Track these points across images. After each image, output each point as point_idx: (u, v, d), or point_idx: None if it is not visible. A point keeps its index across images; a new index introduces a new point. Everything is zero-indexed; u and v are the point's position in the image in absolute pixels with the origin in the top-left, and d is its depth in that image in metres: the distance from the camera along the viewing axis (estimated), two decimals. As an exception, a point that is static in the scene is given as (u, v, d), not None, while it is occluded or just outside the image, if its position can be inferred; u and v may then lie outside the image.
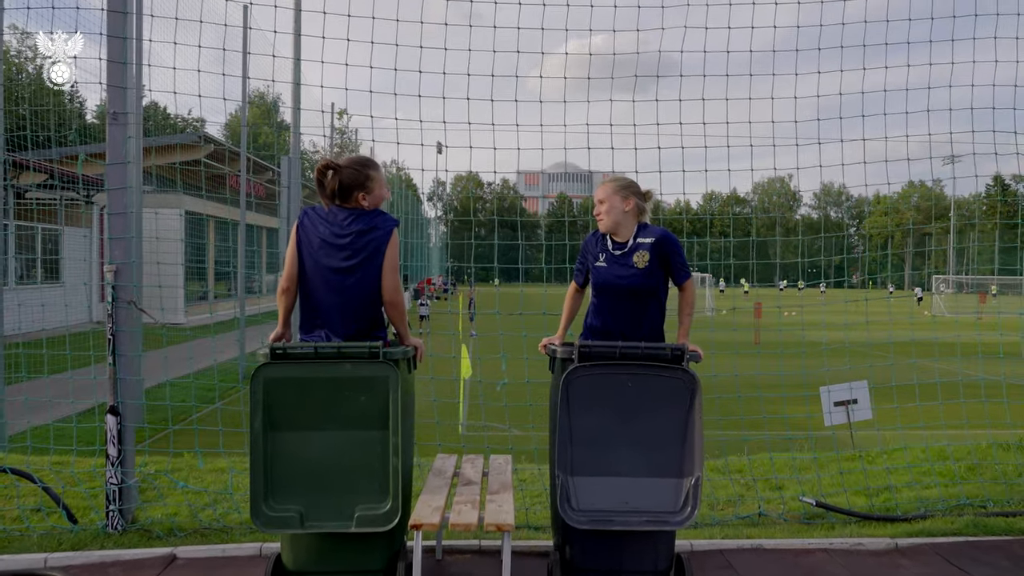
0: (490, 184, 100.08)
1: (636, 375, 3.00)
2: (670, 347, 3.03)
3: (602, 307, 3.37)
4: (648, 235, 3.35)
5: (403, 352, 3.07)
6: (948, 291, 49.10)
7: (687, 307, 3.40)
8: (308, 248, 3.09)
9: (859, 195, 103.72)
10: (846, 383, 6.24)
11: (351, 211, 3.13)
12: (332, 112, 26.39)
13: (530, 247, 67.74)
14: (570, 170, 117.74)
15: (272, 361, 2.93)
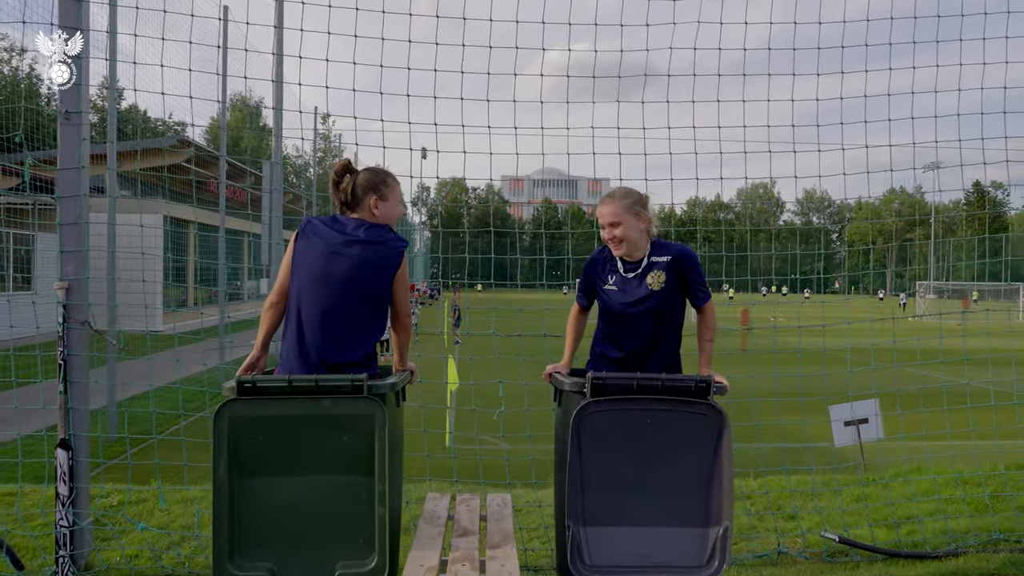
0: (475, 190, 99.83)
1: (656, 411, 2.65)
2: (694, 379, 2.67)
3: (613, 334, 3.03)
4: (664, 252, 3.00)
5: (391, 385, 2.69)
6: (930, 296, 49.40)
7: (708, 331, 3.06)
8: (307, 257, 2.75)
9: (841, 201, 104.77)
10: (855, 402, 5.93)
11: (361, 221, 2.83)
12: (316, 115, 25.99)
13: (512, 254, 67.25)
14: (554, 176, 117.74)
15: (239, 397, 2.54)
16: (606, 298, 3.03)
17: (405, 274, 2.83)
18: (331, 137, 50.61)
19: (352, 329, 2.72)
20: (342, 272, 2.70)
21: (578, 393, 2.73)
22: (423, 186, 64.36)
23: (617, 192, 3.07)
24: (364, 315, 2.73)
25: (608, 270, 3.06)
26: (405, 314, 2.90)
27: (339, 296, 2.69)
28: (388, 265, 2.77)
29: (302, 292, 2.71)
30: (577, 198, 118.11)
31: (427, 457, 4.66)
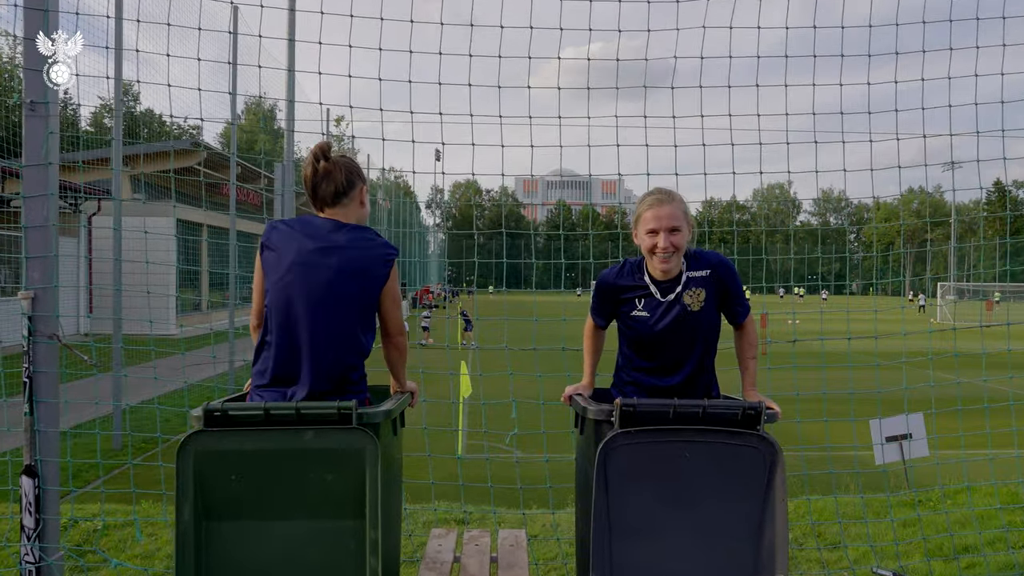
0: (488, 191, 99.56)
1: (696, 443, 2.25)
2: (741, 405, 2.27)
3: (643, 361, 2.63)
4: (701, 265, 2.59)
5: (386, 413, 2.31)
6: (950, 298, 48.45)
7: (750, 348, 2.65)
8: (276, 270, 2.35)
9: (859, 201, 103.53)
10: (898, 416, 5.47)
11: (337, 222, 2.42)
12: (327, 119, 25.73)
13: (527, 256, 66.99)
14: (568, 177, 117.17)
15: (206, 429, 2.17)
16: (635, 326, 2.60)
17: (396, 285, 2.45)
18: (344, 139, 50.56)
19: (336, 349, 2.33)
20: (320, 285, 2.31)
21: (605, 422, 2.33)
22: (437, 188, 63.94)
23: (667, 191, 2.62)
24: (349, 333, 2.35)
25: (635, 292, 2.60)
26: (397, 331, 2.52)
27: (319, 313, 2.31)
28: (375, 276, 2.38)
29: (275, 310, 2.34)
30: (591, 200, 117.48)
31: (432, 484, 4.27)
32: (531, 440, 8.77)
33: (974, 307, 43.69)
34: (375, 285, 2.37)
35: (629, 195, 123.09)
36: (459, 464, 7.30)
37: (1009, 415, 4.52)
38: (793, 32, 4.22)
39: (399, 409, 2.51)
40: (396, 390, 2.71)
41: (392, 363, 2.61)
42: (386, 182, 40.30)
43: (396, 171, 44.63)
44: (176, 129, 46.83)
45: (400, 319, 2.50)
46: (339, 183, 2.40)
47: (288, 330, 2.30)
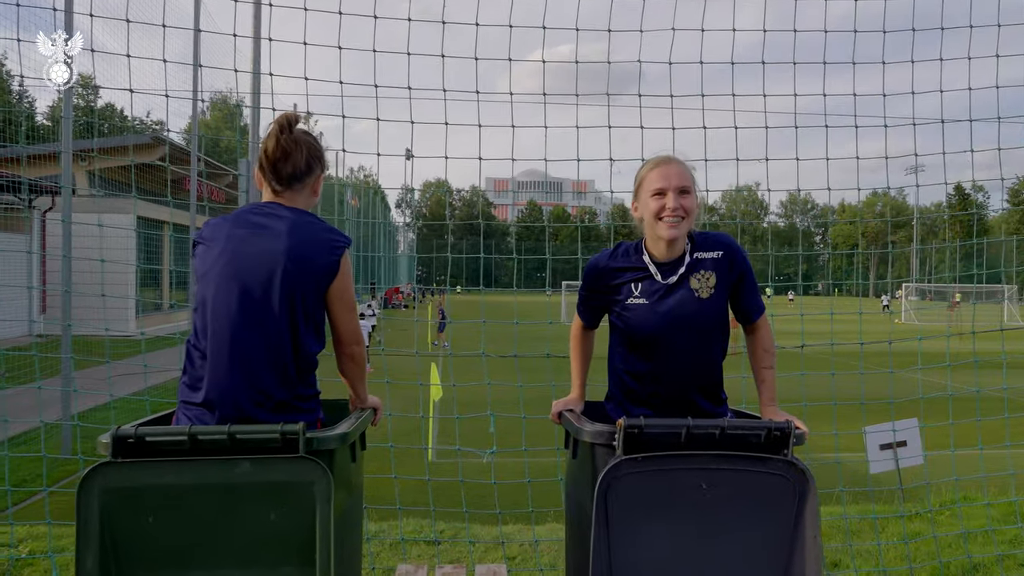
0: (459, 191, 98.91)
1: (714, 471, 1.89)
2: (766, 425, 1.92)
3: (643, 364, 2.22)
4: (710, 245, 2.23)
5: (341, 437, 1.91)
6: (913, 298, 49.28)
7: (768, 355, 2.29)
8: (206, 261, 1.95)
9: (824, 204, 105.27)
10: (893, 422, 5.20)
11: (278, 206, 2.02)
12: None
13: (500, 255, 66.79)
14: (537, 178, 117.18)
15: (115, 459, 1.75)
16: (631, 317, 2.20)
17: (348, 283, 2.05)
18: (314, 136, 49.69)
19: (277, 357, 1.93)
20: (253, 278, 1.91)
21: (604, 446, 1.96)
22: (408, 187, 63.25)
23: (672, 155, 2.25)
24: (291, 336, 1.94)
25: (631, 275, 2.23)
26: (352, 339, 2.12)
27: (253, 312, 1.90)
28: (319, 267, 1.97)
29: (202, 310, 1.93)
30: (561, 200, 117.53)
31: (399, 509, 3.86)
32: (507, 442, 8.41)
33: (938, 308, 44.42)
34: (321, 279, 1.97)
35: (598, 196, 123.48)
36: (428, 470, 6.89)
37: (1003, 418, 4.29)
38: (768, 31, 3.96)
39: (359, 430, 2.12)
40: (356, 406, 2.31)
41: (348, 376, 2.21)
42: (355, 180, 39.66)
43: (365, 170, 43.95)
44: (138, 124, 45.57)
45: (354, 325, 2.10)
46: (298, 165, 2.03)
47: (217, 334, 1.90)
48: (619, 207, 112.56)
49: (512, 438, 8.24)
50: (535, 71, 3.91)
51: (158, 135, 25.40)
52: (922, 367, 4.14)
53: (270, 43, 3.63)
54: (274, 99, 11.48)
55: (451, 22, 3.65)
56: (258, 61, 5.63)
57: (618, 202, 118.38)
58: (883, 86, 3.92)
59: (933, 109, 4.14)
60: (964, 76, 3.95)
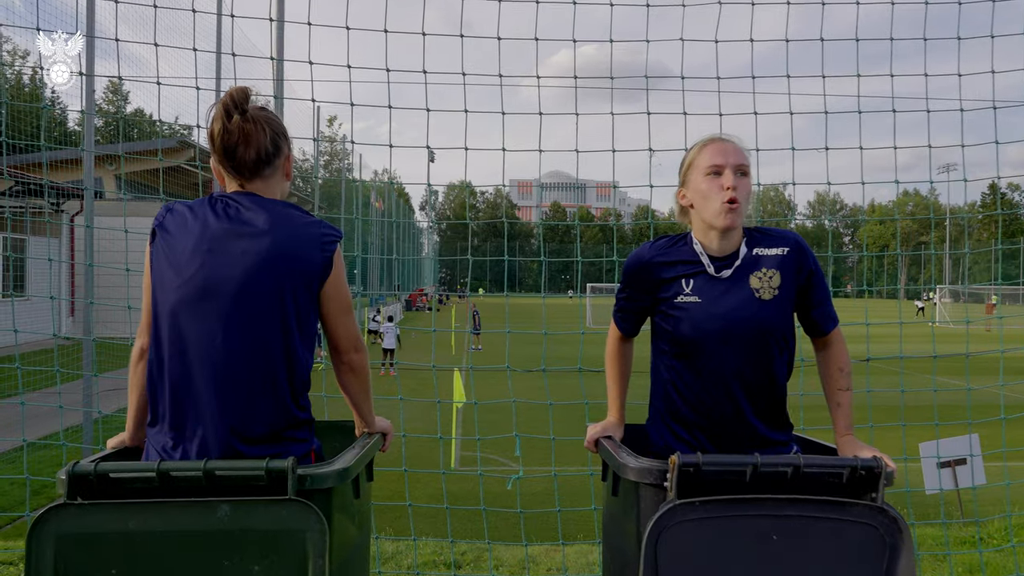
0: (483, 193, 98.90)
1: (788, 519, 1.57)
2: (849, 463, 1.59)
3: (693, 377, 1.90)
4: (774, 241, 1.90)
5: (339, 474, 1.61)
6: (946, 300, 48.07)
7: (843, 376, 1.94)
8: (169, 266, 1.65)
9: (854, 204, 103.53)
10: (953, 439, 4.81)
11: (254, 197, 1.72)
12: (316, 116, 25.03)
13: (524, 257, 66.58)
14: (562, 179, 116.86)
15: (71, 501, 1.48)
16: (682, 317, 1.89)
17: (343, 281, 1.77)
18: (336, 139, 49.93)
19: (263, 375, 1.64)
20: (232, 283, 1.62)
21: (654, 487, 1.64)
22: (432, 190, 63.26)
23: (726, 135, 1.94)
24: (280, 349, 1.66)
25: (681, 271, 1.91)
26: (352, 346, 1.81)
27: (235, 321, 1.62)
28: (310, 265, 1.68)
29: (169, 322, 1.64)
30: (586, 202, 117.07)
31: (415, 541, 3.57)
32: (533, 451, 8.10)
33: (973, 310, 43.22)
34: (312, 279, 1.68)
35: (623, 197, 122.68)
36: (446, 494, 6.59)
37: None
38: (793, 30, 3.66)
39: (363, 461, 1.82)
40: (362, 430, 2.02)
41: (350, 392, 1.90)
42: (379, 183, 39.67)
43: (389, 172, 43.99)
44: (167, 129, 46.14)
45: (353, 328, 1.80)
46: (262, 147, 1.71)
47: (190, 350, 1.61)
48: (643, 208, 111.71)
49: (538, 452, 7.95)
50: (559, 72, 3.66)
51: (185, 139, 25.54)
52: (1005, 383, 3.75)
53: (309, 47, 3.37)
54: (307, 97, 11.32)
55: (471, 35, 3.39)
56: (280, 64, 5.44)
57: (643, 203, 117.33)
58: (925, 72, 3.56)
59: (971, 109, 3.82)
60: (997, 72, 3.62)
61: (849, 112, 3.52)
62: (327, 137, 49.30)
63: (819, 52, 3.52)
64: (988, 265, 61.76)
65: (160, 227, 1.67)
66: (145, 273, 1.68)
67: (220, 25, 12.95)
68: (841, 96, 3.97)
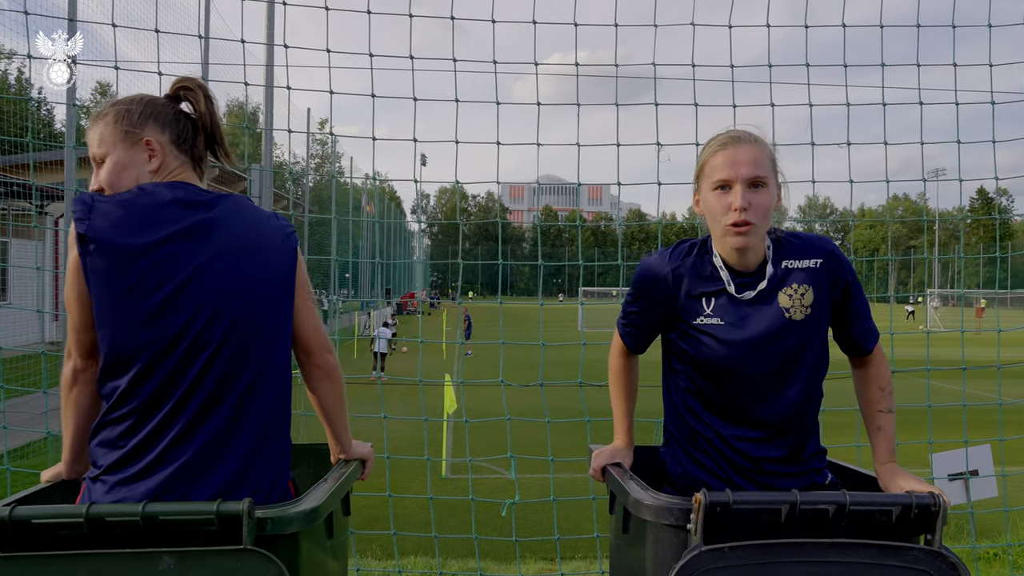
0: (475, 196, 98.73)
1: (829, 566, 1.34)
2: (904, 501, 1.37)
3: (715, 404, 1.68)
4: (806, 252, 1.67)
5: (306, 516, 1.38)
6: (935, 304, 48.25)
7: (887, 398, 1.72)
8: (121, 272, 1.39)
9: (844, 208, 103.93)
10: (963, 449, 4.60)
11: (193, 188, 1.48)
12: (308, 118, 24.78)
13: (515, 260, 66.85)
14: (554, 182, 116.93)
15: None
16: (707, 341, 1.66)
17: (305, 273, 1.56)
18: (327, 142, 49.63)
19: (241, 395, 1.41)
20: (201, 290, 1.39)
21: (674, 528, 1.42)
22: (423, 193, 63.00)
23: (746, 131, 1.70)
24: (241, 368, 1.43)
25: (700, 290, 1.68)
26: (322, 346, 1.60)
27: (209, 333, 1.38)
28: (278, 255, 1.48)
29: (110, 344, 1.39)
30: (578, 205, 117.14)
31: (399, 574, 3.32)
32: (527, 461, 7.87)
33: (960, 314, 43.30)
34: (283, 272, 1.47)
35: (614, 201, 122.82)
36: (437, 492, 6.35)
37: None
38: (785, 35, 3.47)
39: (337, 497, 1.58)
40: (339, 457, 1.78)
41: (325, 404, 1.65)
42: (371, 186, 39.38)
43: (381, 176, 43.73)
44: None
45: (321, 327, 1.58)
46: (211, 131, 1.55)
47: (154, 373, 1.38)
48: (635, 212, 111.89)
49: (533, 462, 7.73)
50: (549, 79, 3.52)
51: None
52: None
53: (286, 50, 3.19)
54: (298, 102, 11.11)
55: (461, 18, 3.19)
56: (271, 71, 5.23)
57: (635, 207, 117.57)
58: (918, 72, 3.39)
59: (949, 113, 3.67)
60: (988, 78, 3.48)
61: (839, 104, 3.34)
62: (319, 140, 48.98)
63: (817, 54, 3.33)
64: (976, 269, 62.20)
65: (91, 234, 1.38)
66: (73, 288, 1.41)
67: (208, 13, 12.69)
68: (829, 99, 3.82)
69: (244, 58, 2.97)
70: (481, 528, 4.97)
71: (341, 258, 9.64)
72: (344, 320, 26.01)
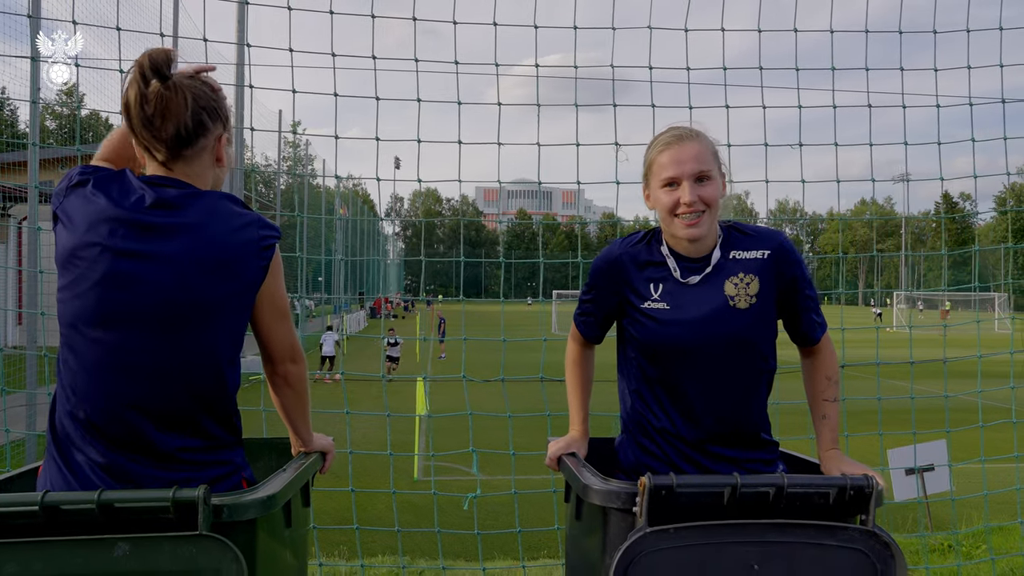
0: (448, 200, 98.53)
1: (770, 545, 1.40)
2: (840, 483, 1.44)
3: (663, 387, 1.74)
4: (754, 243, 1.74)
5: (263, 503, 1.40)
6: (902, 306, 49.27)
7: (830, 385, 1.79)
8: (74, 257, 1.42)
9: (813, 212, 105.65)
10: (917, 445, 4.74)
11: (181, 184, 1.48)
12: (280, 121, 24.57)
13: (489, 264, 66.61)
14: (528, 186, 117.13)
15: (-64, 543, 1.25)
16: (651, 325, 1.73)
17: (278, 285, 1.55)
18: (300, 145, 49.22)
19: (180, 392, 1.43)
20: (152, 288, 1.40)
21: (621, 512, 1.47)
22: (396, 196, 62.70)
23: (688, 127, 1.78)
24: (202, 365, 1.45)
25: (648, 276, 1.76)
26: (286, 354, 1.61)
27: (148, 333, 1.41)
28: (245, 271, 1.47)
29: (69, 327, 1.42)
30: (551, 209, 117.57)
31: (362, 567, 3.34)
32: (495, 462, 7.90)
33: (928, 316, 44.24)
34: (246, 287, 1.47)
35: (588, 204, 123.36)
36: (407, 496, 6.36)
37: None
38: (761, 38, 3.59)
39: (296, 486, 1.61)
40: (299, 450, 1.81)
41: (286, 408, 1.69)
42: (344, 190, 39.12)
43: (354, 178, 43.46)
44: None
45: (290, 337, 1.59)
46: (181, 121, 1.46)
47: (93, 360, 1.40)
48: (609, 215, 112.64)
49: (501, 462, 7.76)
50: (522, 82, 3.53)
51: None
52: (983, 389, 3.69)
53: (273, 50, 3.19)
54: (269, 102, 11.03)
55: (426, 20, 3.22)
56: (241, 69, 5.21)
57: (609, 210, 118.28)
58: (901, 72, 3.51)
59: (923, 117, 3.84)
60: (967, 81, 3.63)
61: (825, 106, 3.44)
62: (290, 143, 48.51)
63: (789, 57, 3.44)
64: (940, 272, 63.66)
65: (62, 210, 1.43)
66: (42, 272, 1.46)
67: (177, 13, 12.56)
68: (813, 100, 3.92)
69: (206, 57, 2.98)
70: (449, 527, 5.00)
71: (313, 257, 9.61)
72: (316, 324, 25.82)
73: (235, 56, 4.50)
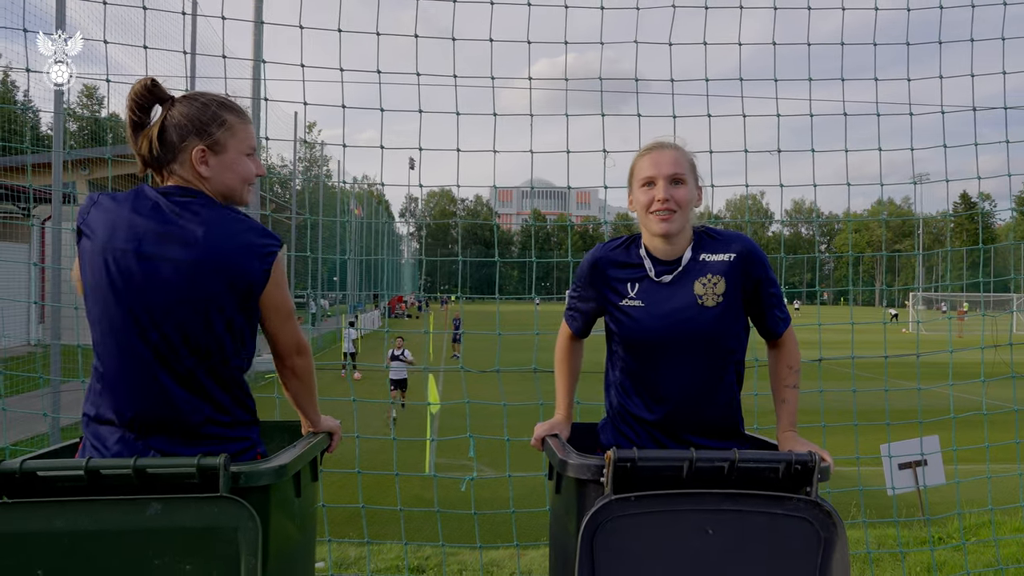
0: (463, 200, 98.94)
1: (723, 513, 1.58)
2: (784, 457, 1.61)
3: (641, 378, 1.93)
4: (720, 247, 1.92)
5: (276, 471, 1.60)
6: (920, 308, 48.82)
7: (791, 374, 1.97)
8: (96, 267, 1.61)
9: (829, 212, 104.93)
10: (913, 440, 4.87)
11: (189, 192, 1.67)
12: (296, 122, 24.91)
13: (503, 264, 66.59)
14: (543, 186, 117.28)
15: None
16: (626, 321, 1.92)
17: (283, 290, 1.73)
18: (315, 146, 49.66)
19: (193, 373, 1.63)
20: (162, 291, 1.59)
21: (591, 482, 1.65)
22: (411, 197, 63.10)
23: (668, 139, 1.98)
24: (210, 350, 1.64)
25: (627, 273, 1.95)
26: (294, 350, 1.81)
27: (163, 330, 1.60)
28: (245, 275, 1.63)
29: (97, 324, 1.63)
30: (567, 209, 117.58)
31: (368, 543, 3.54)
32: (499, 455, 8.08)
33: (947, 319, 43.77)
34: (248, 291, 1.65)
35: (602, 205, 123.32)
36: (429, 468, 6.55)
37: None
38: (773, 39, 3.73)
39: (305, 459, 1.81)
40: (308, 430, 2.00)
41: (293, 394, 1.89)
42: (359, 190, 39.48)
43: (368, 179, 43.84)
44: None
45: (295, 333, 1.79)
46: (152, 141, 1.68)
47: (119, 350, 1.60)
48: (623, 215, 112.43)
49: (503, 455, 7.93)
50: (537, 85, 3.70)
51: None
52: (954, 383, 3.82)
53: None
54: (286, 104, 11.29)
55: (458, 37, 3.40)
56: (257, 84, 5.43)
57: (623, 211, 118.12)
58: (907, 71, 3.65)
59: (938, 118, 3.93)
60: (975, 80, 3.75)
61: (836, 115, 3.61)
62: (306, 144, 49.03)
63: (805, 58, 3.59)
64: (960, 273, 63.23)
65: (85, 225, 1.63)
66: (75, 270, 1.66)
67: (196, 26, 12.87)
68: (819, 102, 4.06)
69: (225, 71, 3.19)
70: (456, 519, 5.18)
71: (328, 256, 9.82)
72: (331, 324, 26.13)
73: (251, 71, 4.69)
